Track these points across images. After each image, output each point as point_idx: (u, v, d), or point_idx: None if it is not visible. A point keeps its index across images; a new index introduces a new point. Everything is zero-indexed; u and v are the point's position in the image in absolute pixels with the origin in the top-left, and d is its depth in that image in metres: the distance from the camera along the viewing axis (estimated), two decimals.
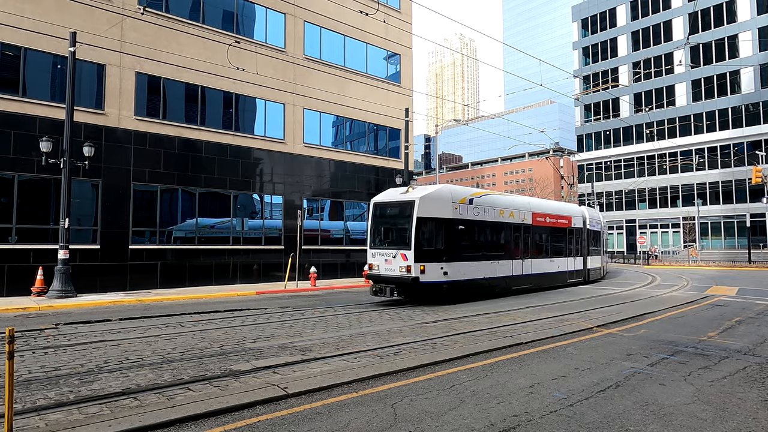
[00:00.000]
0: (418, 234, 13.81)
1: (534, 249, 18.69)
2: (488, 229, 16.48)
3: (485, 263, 16.10)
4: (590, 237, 23.57)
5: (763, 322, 11.47)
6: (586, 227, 23.12)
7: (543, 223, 19.41)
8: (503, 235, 17.19)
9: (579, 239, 22.21)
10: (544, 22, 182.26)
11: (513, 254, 17.46)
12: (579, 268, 22.10)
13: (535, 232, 18.85)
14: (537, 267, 18.76)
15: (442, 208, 14.51)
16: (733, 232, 51.23)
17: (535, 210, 19.08)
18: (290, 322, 11.18)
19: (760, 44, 49.15)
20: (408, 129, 27.05)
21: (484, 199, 16.43)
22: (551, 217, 20.07)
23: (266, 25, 23.39)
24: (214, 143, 21.05)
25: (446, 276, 14.24)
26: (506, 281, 17.09)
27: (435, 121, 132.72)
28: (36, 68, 17.20)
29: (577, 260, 21.97)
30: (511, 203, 18.01)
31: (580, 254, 22.21)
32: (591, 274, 23.44)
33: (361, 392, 5.93)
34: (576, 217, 22.14)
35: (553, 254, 20.06)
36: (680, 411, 5.33)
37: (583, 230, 22.73)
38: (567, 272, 21.03)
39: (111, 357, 7.66)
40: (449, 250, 14.46)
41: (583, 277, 22.53)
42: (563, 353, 8.09)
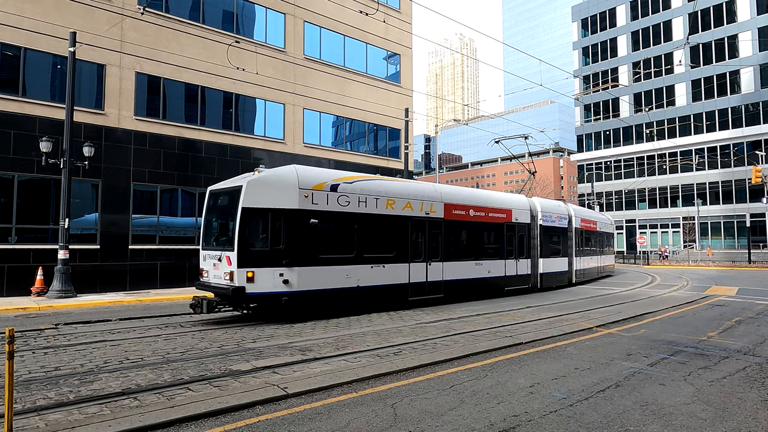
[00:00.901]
0: (245, 230, 10.81)
1: (449, 249, 15.05)
2: (367, 224, 12.79)
3: (360, 268, 12.53)
4: (547, 235, 19.86)
5: (763, 322, 11.47)
6: (538, 223, 19.23)
7: (463, 217, 15.68)
8: (395, 233, 13.55)
9: (526, 237, 18.44)
10: (544, 22, 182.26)
11: (413, 256, 13.90)
12: (525, 272, 18.33)
13: (452, 229, 15.25)
14: (453, 272, 15.07)
15: (284, 195, 11.29)
16: (733, 232, 51.25)
17: (449, 200, 15.34)
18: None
19: (760, 44, 49.16)
20: (408, 129, 27.06)
21: (360, 186, 12.89)
22: (477, 209, 16.32)
23: (266, 25, 23.39)
24: (214, 143, 21.05)
25: (288, 285, 11.04)
26: (400, 290, 13.55)
27: (435, 121, 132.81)
28: (36, 68, 17.19)
29: (521, 263, 18.16)
30: (408, 192, 14.16)
31: (526, 255, 18.39)
32: (547, 279, 19.64)
33: (361, 392, 5.93)
34: (519, 211, 18.25)
35: (481, 256, 16.40)
36: (680, 411, 5.34)
37: (531, 226, 18.84)
38: (503, 278, 17.22)
39: (111, 357, 7.66)
40: (295, 251, 11.21)
41: (530, 283, 18.68)
42: (563, 353, 8.09)
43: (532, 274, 18.85)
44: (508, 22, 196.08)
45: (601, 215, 29.33)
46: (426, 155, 44.92)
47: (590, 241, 24.53)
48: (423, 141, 44.24)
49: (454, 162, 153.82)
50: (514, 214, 17.97)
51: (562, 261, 21.12)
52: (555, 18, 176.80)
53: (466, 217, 15.88)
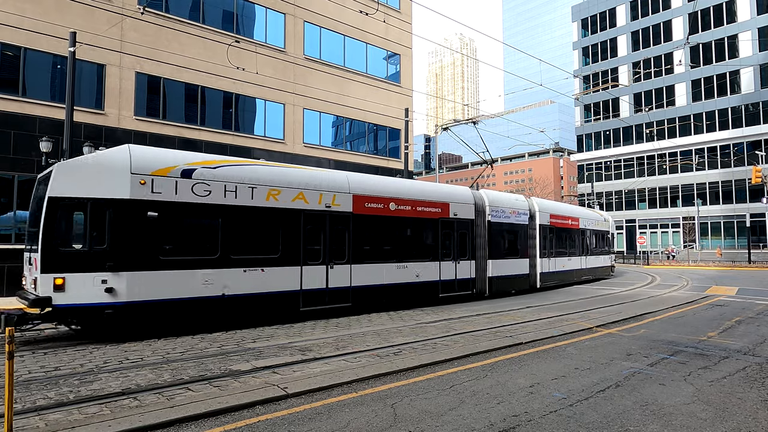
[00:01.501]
0: (52, 226, 8.75)
1: (360, 249, 12.72)
2: (237, 218, 10.53)
3: (228, 273, 10.23)
4: (499, 233, 17.32)
5: (763, 322, 11.47)
6: (486, 219, 16.68)
7: (381, 211, 13.30)
8: (281, 229, 11.26)
9: (469, 236, 15.93)
10: (544, 22, 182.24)
11: (307, 257, 11.63)
12: (467, 276, 15.73)
13: (364, 225, 12.86)
14: (366, 276, 12.80)
15: (109, 182, 9.11)
16: (732, 232, 51.25)
17: (360, 192, 12.91)
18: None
19: (760, 44, 49.16)
20: (408, 129, 27.06)
21: (226, 172, 10.53)
22: (401, 202, 13.81)
23: (266, 25, 23.39)
24: (214, 143, 21.05)
25: (113, 295, 8.84)
26: (287, 299, 11.24)
27: (435, 121, 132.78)
28: (36, 68, 17.20)
29: (463, 265, 15.60)
30: (299, 180, 11.75)
31: (469, 257, 15.85)
32: (499, 283, 17.12)
33: (361, 392, 5.93)
34: (460, 205, 15.68)
35: (407, 257, 13.92)
36: (680, 411, 5.33)
37: (476, 223, 16.29)
38: (436, 282, 14.75)
39: (111, 357, 7.66)
40: (124, 251, 9.03)
41: (475, 288, 16.13)
42: (563, 353, 8.09)
43: (478, 277, 16.17)
44: (508, 22, 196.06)
45: (589, 211, 26.24)
46: (426, 155, 44.94)
47: (567, 239, 21.94)
48: (423, 141, 44.26)
49: (454, 162, 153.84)
50: (453, 208, 15.44)
51: (521, 263, 18.35)
52: (555, 18, 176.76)
53: (384, 212, 13.41)
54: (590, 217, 25.20)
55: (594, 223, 25.43)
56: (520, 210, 18.56)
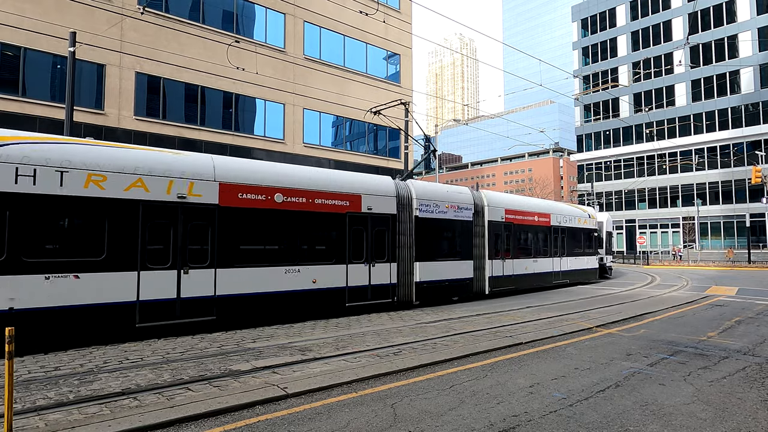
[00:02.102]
0: None
1: (231, 250, 10.45)
2: (36, 211, 8.31)
3: (18, 281, 7.96)
4: (432, 230, 14.76)
5: (762, 322, 11.48)
6: (413, 214, 14.22)
7: (261, 203, 10.98)
8: (109, 225, 8.98)
9: (390, 234, 13.48)
10: (544, 22, 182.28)
11: (148, 260, 9.37)
12: (385, 281, 13.23)
13: (236, 221, 10.58)
14: (239, 283, 10.46)
15: None
16: (732, 232, 51.24)
17: (231, 179, 10.56)
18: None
19: (759, 44, 49.17)
20: (408, 129, 27.05)
21: (17, 151, 8.23)
22: (293, 193, 11.51)
23: (266, 25, 23.40)
24: (214, 143, 21.05)
25: None
26: (115, 314, 8.87)
27: (435, 121, 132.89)
28: (36, 68, 17.20)
29: (380, 269, 13.17)
30: (141, 162, 9.50)
31: (388, 258, 13.42)
32: (430, 290, 14.55)
33: (360, 392, 5.93)
34: (377, 198, 13.23)
35: (301, 260, 11.61)
36: (680, 411, 5.34)
37: (400, 219, 13.79)
38: (342, 290, 12.30)
39: (111, 357, 7.66)
40: None
41: (396, 296, 13.54)
42: (563, 353, 8.09)
43: (402, 283, 13.68)
44: (508, 22, 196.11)
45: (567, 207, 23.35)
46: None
47: (532, 238, 19.32)
48: (423, 141, 44.27)
49: (454, 162, 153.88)
50: (367, 201, 12.99)
51: (462, 265, 15.72)
52: (555, 18, 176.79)
53: (267, 204, 11.08)
54: (568, 212, 22.22)
55: (573, 219, 22.53)
56: (462, 204, 15.90)
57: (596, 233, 24.54)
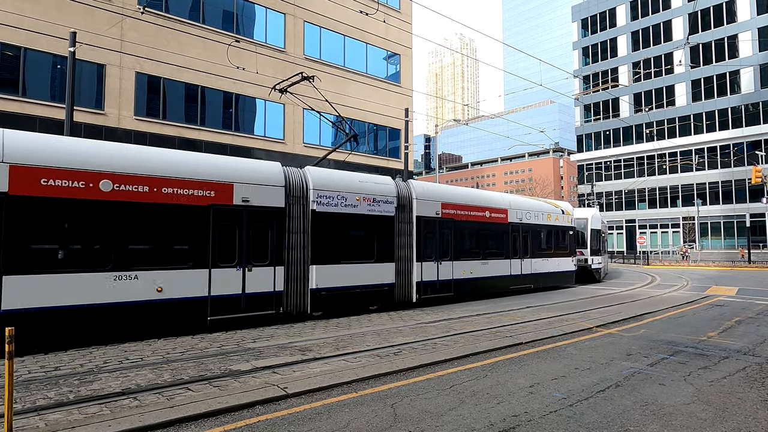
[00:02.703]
0: None
1: (26, 252, 8.21)
2: None
3: None
4: (337, 227, 12.39)
5: (762, 322, 11.48)
6: (308, 208, 11.89)
7: (78, 192, 8.74)
8: None
9: (274, 232, 11.22)
10: (544, 22, 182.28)
11: None
12: (265, 289, 10.96)
13: (38, 214, 8.38)
14: (50, 293, 8.28)
15: None
16: (732, 232, 51.24)
17: (30, 161, 8.34)
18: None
19: (760, 44, 49.17)
20: (408, 129, 27.07)
21: None
22: (126, 180, 9.25)
23: (266, 25, 23.40)
24: (214, 143, 21.06)
25: None
26: None
27: (435, 121, 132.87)
28: (36, 68, 17.21)
29: (260, 274, 10.91)
30: None
31: (272, 261, 11.12)
32: (330, 299, 12.13)
33: (360, 392, 5.93)
34: (254, 187, 10.97)
35: (139, 263, 9.31)
36: (680, 411, 5.34)
37: (289, 214, 11.55)
38: (200, 301, 9.94)
39: (111, 357, 7.66)
40: None
41: (280, 307, 11.19)
42: (563, 353, 8.09)
43: (291, 291, 11.40)
44: (508, 22, 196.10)
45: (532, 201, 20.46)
46: (426, 155, 44.97)
47: (481, 237, 16.82)
48: (423, 141, 44.29)
49: (454, 162, 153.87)
50: (242, 192, 10.73)
51: (380, 269, 13.23)
52: (555, 18, 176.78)
53: (89, 194, 8.83)
54: (532, 207, 19.49)
55: (541, 215, 19.79)
56: (380, 196, 13.39)
57: (572, 231, 21.72)
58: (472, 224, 16.37)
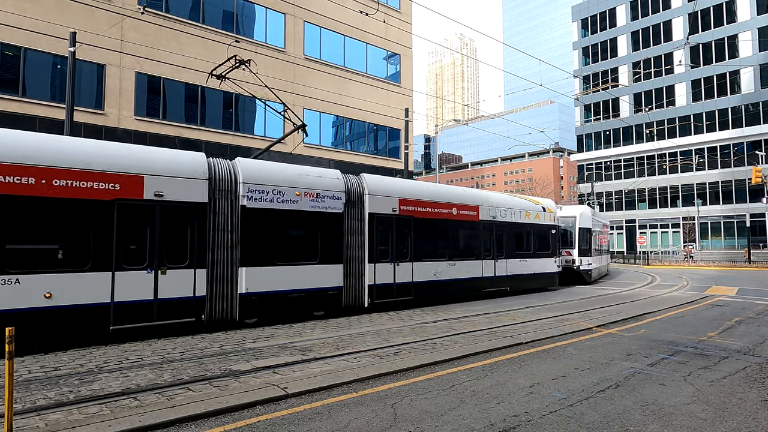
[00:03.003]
0: None
1: None
2: None
3: None
4: (279, 226, 11.35)
5: (763, 322, 11.48)
6: (237, 203, 10.74)
7: None
8: None
9: (196, 230, 10.09)
10: (544, 22, 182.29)
11: None
12: (178, 294, 9.72)
13: None
14: None
15: None
16: (732, 232, 51.24)
17: None
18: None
19: (760, 44, 49.17)
20: (408, 129, 27.07)
21: None
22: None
23: (266, 25, 23.41)
24: (214, 143, 21.07)
25: None
26: None
27: (435, 121, 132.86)
28: (36, 68, 17.21)
29: (174, 278, 9.69)
30: None
31: (191, 263, 9.94)
32: (265, 303, 10.96)
33: (361, 392, 5.93)
34: (169, 179, 9.77)
35: (7, 265, 8.08)
36: (680, 411, 5.34)
37: (214, 209, 10.39)
38: (75, 310, 8.55)
39: (111, 357, 7.66)
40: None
41: (198, 314, 9.91)
42: (563, 353, 8.09)
43: (216, 295, 10.20)
44: (508, 22, 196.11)
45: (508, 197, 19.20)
46: (426, 155, 44.99)
47: (451, 236, 15.68)
48: (423, 141, 44.31)
49: (454, 162, 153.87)
50: (154, 185, 9.57)
51: (325, 271, 12.06)
52: (555, 18, 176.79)
53: None
54: (508, 204, 18.18)
55: (518, 213, 18.48)
56: (325, 191, 12.22)
57: (554, 230, 20.37)
58: (436, 222, 15.09)
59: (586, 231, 23.18)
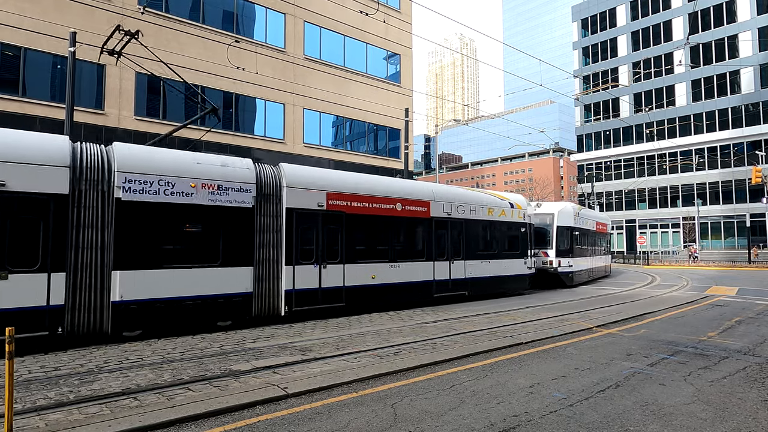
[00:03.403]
0: None
1: None
2: None
3: None
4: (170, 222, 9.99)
5: (763, 322, 11.47)
6: (110, 195, 9.24)
7: None
8: None
9: (48, 227, 8.53)
10: (544, 22, 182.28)
11: None
12: (28, 304, 8.18)
13: None
14: None
15: None
16: (733, 232, 51.24)
17: None
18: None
19: (760, 44, 49.17)
20: (408, 129, 27.07)
21: None
22: None
23: (266, 25, 23.40)
24: (214, 143, 21.05)
25: None
26: None
27: (435, 121, 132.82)
28: (36, 68, 17.21)
29: (27, 283, 8.22)
30: None
31: (43, 266, 8.42)
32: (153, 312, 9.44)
33: (361, 392, 5.93)
34: (12, 166, 8.23)
35: None
36: (680, 411, 5.33)
37: (77, 202, 8.87)
38: None
39: (111, 357, 7.66)
40: None
41: (56, 325, 8.40)
42: (563, 353, 8.09)
43: (81, 304, 8.66)
44: (508, 22, 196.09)
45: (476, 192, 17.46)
46: (426, 155, 44.99)
47: (393, 235, 13.81)
48: (423, 141, 44.30)
49: (454, 162, 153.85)
50: None
51: (230, 274, 10.51)
52: (555, 18, 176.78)
53: None
54: (467, 200, 16.29)
55: (480, 210, 16.64)
56: (229, 183, 10.69)
57: (524, 228, 18.55)
58: (375, 219, 13.35)
59: (566, 230, 21.07)
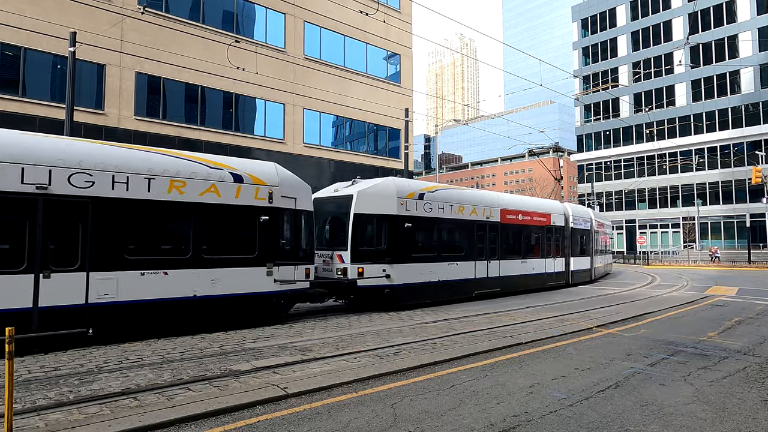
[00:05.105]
0: None
1: None
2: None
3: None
4: None
5: (763, 322, 11.47)
6: None
7: None
8: None
9: None
10: (544, 22, 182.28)
11: None
12: None
13: None
14: None
15: None
16: (733, 232, 51.24)
17: None
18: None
19: (760, 44, 49.16)
20: (408, 129, 27.05)
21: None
22: None
23: (266, 25, 23.40)
24: (214, 143, 21.05)
25: None
26: None
27: (435, 121, 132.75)
28: (36, 68, 17.21)
29: None
30: None
31: None
32: None
33: (361, 392, 5.93)
34: None
35: None
36: (680, 411, 5.33)
37: None
38: None
39: (111, 357, 7.66)
40: None
41: None
42: (563, 353, 8.09)
43: None
44: (508, 22, 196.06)
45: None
46: (426, 155, 45.00)
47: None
48: (423, 141, 44.30)
49: (454, 162, 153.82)
50: None
51: None
52: (555, 18, 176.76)
53: None
54: None
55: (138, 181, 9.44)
56: None
57: (267, 217, 10.59)
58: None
59: (383, 219, 13.24)
